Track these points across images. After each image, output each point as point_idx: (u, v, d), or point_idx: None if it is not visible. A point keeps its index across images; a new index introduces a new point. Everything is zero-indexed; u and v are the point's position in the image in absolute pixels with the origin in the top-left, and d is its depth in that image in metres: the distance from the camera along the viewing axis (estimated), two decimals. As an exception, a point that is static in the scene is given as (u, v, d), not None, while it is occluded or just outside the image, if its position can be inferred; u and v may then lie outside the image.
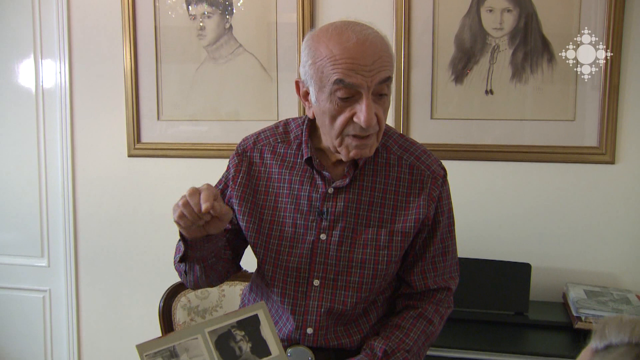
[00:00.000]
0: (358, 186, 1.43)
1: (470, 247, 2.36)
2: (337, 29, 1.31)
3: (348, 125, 1.32)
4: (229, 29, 2.58)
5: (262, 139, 1.53)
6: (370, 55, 1.27)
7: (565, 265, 2.38)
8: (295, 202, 1.45)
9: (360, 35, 1.28)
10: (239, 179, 1.50)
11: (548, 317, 2.18)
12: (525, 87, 2.36)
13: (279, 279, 1.45)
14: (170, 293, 1.96)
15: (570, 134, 2.35)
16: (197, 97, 2.65)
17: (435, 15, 2.40)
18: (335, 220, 1.42)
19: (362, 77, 1.26)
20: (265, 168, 1.49)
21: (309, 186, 1.44)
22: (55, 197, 2.85)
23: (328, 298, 1.42)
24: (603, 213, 2.35)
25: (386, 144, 1.47)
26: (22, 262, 2.94)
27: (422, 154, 1.48)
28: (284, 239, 1.45)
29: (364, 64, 1.26)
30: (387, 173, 1.45)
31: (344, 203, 1.42)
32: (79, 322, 2.91)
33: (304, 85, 1.38)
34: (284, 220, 1.45)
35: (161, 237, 2.75)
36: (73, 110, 2.78)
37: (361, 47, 1.27)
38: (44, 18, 2.77)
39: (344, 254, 1.42)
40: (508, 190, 2.41)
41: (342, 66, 1.26)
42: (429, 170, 1.46)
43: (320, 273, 1.43)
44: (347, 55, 1.26)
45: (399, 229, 1.42)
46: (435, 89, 2.43)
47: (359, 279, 1.42)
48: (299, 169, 1.46)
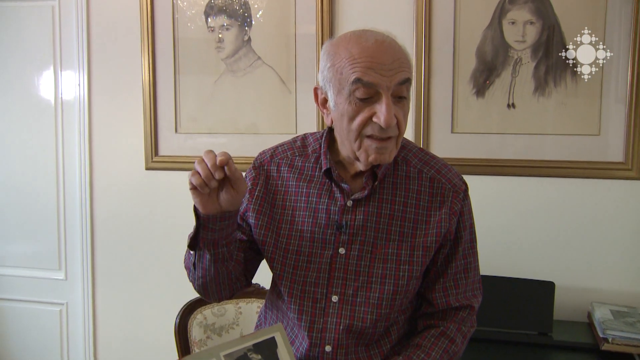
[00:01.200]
0: (378, 199, 1.40)
1: (492, 264, 2.31)
2: (356, 33, 1.33)
3: (367, 125, 1.30)
4: (248, 41, 2.57)
5: (280, 153, 1.51)
6: (389, 55, 1.28)
7: (591, 284, 2.32)
8: (313, 215, 1.42)
9: (379, 37, 1.30)
10: (256, 192, 1.47)
11: (573, 337, 2.12)
12: (548, 101, 2.31)
13: (296, 294, 1.42)
14: (186, 310, 1.94)
15: (595, 148, 2.29)
16: (215, 110, 2.63)
17: (456, 27, 2.37)
18: (355, 234, 1.39)
19: (381, 77, 1.26)
20: (283, 181, 1.47)
21: (327, 199, 1.41)
22: (73, 209, 2.85)
23: (347, 315, 1.39)
24: (629, 230, 2.29)
25: (406, 157, 1.45)
26: (39, 274, 2.94)
27: (442, 168, 1.46)
28: (302, 254, 1.42)
29: (383, 62, 1.26)
30: (407, 186, 1.42)
31: (364, 216, 1.39)
32: (95, 336, 2.89)
33: (322, 91, 1.37)
34: (302, 235, 1.42)
35: (179, 251, 2.69)
36: (91, 122, 2.79)
37: (380, 47, 1.28)
38: (63, 30, 2.78)
39: (364, 269, 1.38)
40: (531, 207, 2.36)
41: (361, 65, 1.26)
42: (449, 184, 1.43)
43: (339, 288, 1.39)
44: (366, 54, 1.27)
45: (421, 243, 1.39)
46: (456, 103, 2.39)
47: (379, 294, 1.38)
48: (317, 181, 1.44)
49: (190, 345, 1.91)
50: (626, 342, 1.98)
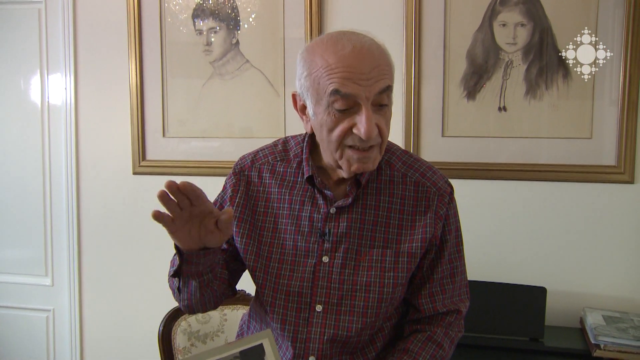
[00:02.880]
0: (361, 205, 1.37)
1: (483, 269, 2.28)
2: (333, 38, 1.25)
3: (347, 136, 1.25)
4: (236, 44, 2.54)
5: (261, 158, 1.46)
6: (368, 63, 1.21)
7: (583, 289, 2.29)
8: (296, 223, 1.38)
9: (357, 43, 1.22)
10: (237, 199, 1.43)
11: (564, 344, 2.09)
12: (540, 104, 2.28)
13: (279, 304, 1.38)
14: (170, 317, 1.90)
15: (587, 152, 2.26)
16: (203, 113, 2.60)
17: (446, 30, 2.34)
18: (338, 242, 1.35)
19: (360, 87, 1.20)
20: (264, 188, 1.43)
21: (310, 206, 1.38)
22: (60, 215, 2.81)
23: (332, 324, 1.35)
24: (622, 234, 2.26)
25: (390, 160, 1.41)
26: (26, 280, 2.90)
27: (427, 171, 1.41)
28: (285, 262, 1.38)
29: (361, 72, 1.20)
30: (392, 191, 1.38)
31: (347, 223, 1.35)
32: (82, 342, 2.86)
33: (301, 98, 1.33)
34: (284, 243, 1.39)
35: (166, 257, 2.65)
36: (78, 126, 2.75)
37: (358, 55, 1.21)
38: (50, 34, 2.75)
39: (348, 277, 1.35)
40: (522, 211, 2.33)
41: (339, 75, 1.21)
42: (434, 187, 1.39)
43: (323, 298, 1.35)
44: (343, 63, 1.20)
45: (406, 249, 1.35)
46: (446, 106, 2.36)
47: (364, 302, 1.34)
48: (300, 188, 1.40)
49: (174, 353, 1.87)
50: (618, 348, 1.95)
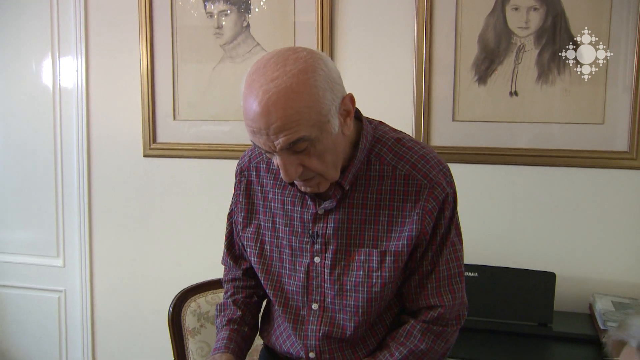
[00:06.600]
0: (348, 204, 1.33)
1: (493, 254, 2.28)
2: (250, 83, 1.17)
3: None
4: (247, 27, 2.53)
5: (257, 155, 1.46)
6: (266, 120, 1.14)
7: (592, 274, 2.29)
8: (289, 223, 1.39)
9: (263, 97, 1.13)
10: (240, 203, 1.47)
11: (573, 329, 2.09)
12: (551, 89, 2.26)
13: (281, 302, 1.43)
14: (179, 298, 1.90)
15: (599, 137, 2.25)
16: (214, 96, 2.60)
17: (458, 14, 2.32)
18: (327, 243, 1.35)
19: (266, 140, 1.17)
20: (262, 187, 1.44)
21: (300, 207, 1.37)
22: (71, 197, 2.83)
23: (327, 322, 1.37)
24: (632, 220, 2.25)
25: (380, 153, 1.34)
26: (37, 261, 2.93)
27: (419, 161, 1.32)
28: (284, 261, 1.41)
29: (264, 127, 1.15)
30: (380, 187, 1.32)
31: (334, 224, 1.34)
32: (93, 322, 2.89)
33: None
34: (282, 242, 1.41)
35: (176, 238, 2.72)
36: (89, 109, 2.76)
37: (261, 111, 1.14)
38: (61, 17, 2.75)
39: (338, 277, 1.35)
40: (532, 196, 2.32)
41: (249, 129, 1.19)
42: (425, 179, 1.30)
43: (319, 296, 1.38)
44: (249, 117, 1.16)
45: (392, 248, 1.31)
46: (457, 91, 2.35)
47: (354, 302, 1.34)
48: (291, 188, 1.39)
49: (184, 333, 1.88)
50: (627, 334, 1.94)
